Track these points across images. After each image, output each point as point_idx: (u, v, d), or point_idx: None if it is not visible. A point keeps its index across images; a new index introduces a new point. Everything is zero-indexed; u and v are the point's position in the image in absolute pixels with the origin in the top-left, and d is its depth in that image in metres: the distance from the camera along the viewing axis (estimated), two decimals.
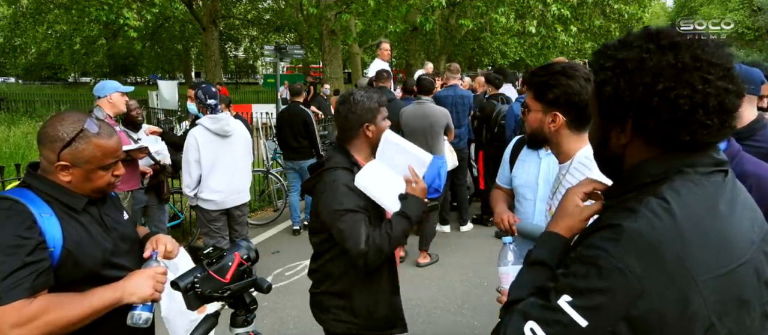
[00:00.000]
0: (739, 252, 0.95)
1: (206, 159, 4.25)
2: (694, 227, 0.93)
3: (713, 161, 1.00)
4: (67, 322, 1.50)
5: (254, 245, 1.91)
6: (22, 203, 1.53)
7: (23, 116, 15.80)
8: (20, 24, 24.70)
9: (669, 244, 0.90)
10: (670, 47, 0.96)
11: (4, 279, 1.42)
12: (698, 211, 0.95)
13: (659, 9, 41.56)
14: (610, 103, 1.02)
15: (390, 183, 2.13)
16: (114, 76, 29.16)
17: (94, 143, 1.61)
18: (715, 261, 0.92)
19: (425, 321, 4.21)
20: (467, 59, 25.07)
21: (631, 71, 0.97)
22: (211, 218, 4.39)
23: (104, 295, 1.57)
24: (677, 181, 0.97)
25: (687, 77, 0.93)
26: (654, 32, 0.99)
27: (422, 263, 5.35)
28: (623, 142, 1.04)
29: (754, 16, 31.93)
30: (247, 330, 1.89)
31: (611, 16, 15.82)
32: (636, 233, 0.92)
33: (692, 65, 0.94)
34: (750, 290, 0.95)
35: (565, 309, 0.94)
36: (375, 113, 2.20)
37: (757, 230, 1.01)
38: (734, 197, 1.01)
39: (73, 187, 1.63)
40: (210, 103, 4.29)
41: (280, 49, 10.72)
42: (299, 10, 23.85)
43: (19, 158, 7.21)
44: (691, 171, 0.98)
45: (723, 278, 0.92)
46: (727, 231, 0.95)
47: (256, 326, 1.94)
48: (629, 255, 0.91)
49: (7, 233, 1.46)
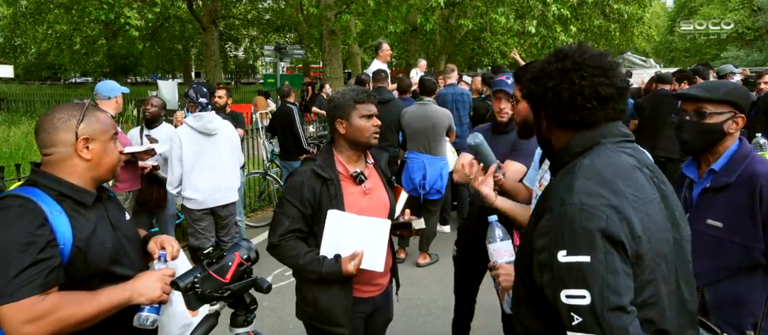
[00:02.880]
0: (649, 192, 1.28)
1: (188, 157, 4.26)
2: (615, 172, 1.26)
3: (621, 134, 1.35)
4: (77, 320, 1.51)
5: (254, 246, 1.91)
6: (33, 201, 1.53)
7: (23, 116, 15.78)
8: (20, 24, 24.68)
9: (604, 186, 1.21)
10: (561, 58, 1.34)
11: (16, 276, 1.44)
12: (615, 163, 1.28)
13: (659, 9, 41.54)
14: (529, 99, 1.45)
15: (344, 237, 2.20)
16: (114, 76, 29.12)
17: (100, 116, 1.69)
18: (636, 194, 1.23)
19: (425, 321, 4.21)
20: (467, 59, 25.04)
21: (536, 77, 1.39)
22: (195, 218, 4.39)
23: (114, 294, 1.59)
24: (597, 149, 1.31)
25: (568, 76, 1.31)
26: (557, 50, 1.39)
27: (422, 263, 5.35)
28: (545, 127, 1.43)
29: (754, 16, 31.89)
30: (247, 330, 1.89)
31: (611, 16, 15.81)
32: (580, 184, 1.23)
33: (572, 68, 1.31)
34: (662, 222, 1.28)
35: (567, 261, 1.16)
36: (348, 109, 2.25)
37: (661, 186, 1.35)
38: (639, 161, 1.34)
39: (89, 170, 1.66)
40: (201, 101, 4.33)
41: (280, 49, 10.74)
42: (299, 10, 23.83)
43: (19, 158, 7.20)
44: (605, 142, 1.32)
45: (642, 209, 1.22)
46: (639, 179, 1.28)
47: (256, 326, 1.94)
48: (582, 196, 1.20)
49: (20, 230, 1.47)
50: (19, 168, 4.57)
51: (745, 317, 1.87)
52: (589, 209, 1.16)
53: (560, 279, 1.16)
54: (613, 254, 1.13)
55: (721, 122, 1.94)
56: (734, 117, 1.94)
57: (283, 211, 2.25)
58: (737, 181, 1.89)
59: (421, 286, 4.81)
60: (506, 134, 3.04)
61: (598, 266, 1.12)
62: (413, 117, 5.30)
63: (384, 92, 5.95)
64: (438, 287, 4.79)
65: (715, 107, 1.95)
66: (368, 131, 2.26)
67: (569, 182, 1.25)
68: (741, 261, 1.87)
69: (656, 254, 1.22)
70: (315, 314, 2.30)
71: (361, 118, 2.25)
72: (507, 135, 3.03)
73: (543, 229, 1.24)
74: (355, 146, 2.29)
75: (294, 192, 2.23)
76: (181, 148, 4.25)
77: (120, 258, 1.70)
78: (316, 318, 2.31)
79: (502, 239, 2.03)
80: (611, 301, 1.11)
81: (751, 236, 1.83)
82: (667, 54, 38.50)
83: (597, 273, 1.12)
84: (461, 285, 3.38)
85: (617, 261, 1.13)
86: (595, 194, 1.19)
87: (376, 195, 2.36)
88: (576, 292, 1.13)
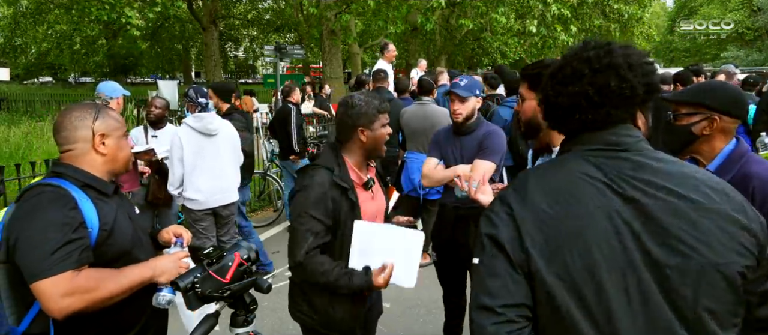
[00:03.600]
0: (585, 207, 1.14)
1: (188, 157, 4.26)
2: (544, 182, 1.20)
3: (603, 142, 1.21)
4: (107, 295, 1.62)
5: (254, 246, 1.91)
6: (64, 187, 1.67)
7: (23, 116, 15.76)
8: (20, 24, 24.67)
9: (517, 194, 1.21)
10: (569, 59, 1.25)
11: (54, 252, 1.55)
12: (556, 173, 1.22)
13: (659, 9, 41.54)
14: (544, 108, 1.34)
15: (373, 248, 2.12)
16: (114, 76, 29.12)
17: (111, 113, 1.84)
18: (549, 209, 1.15)
19: (425, 321, 4.21)
20: (467, 59, 25.05)
21: (543, 82, 1.31)
22: (196, 218, 4.39)
23: (138, 272, 1.71)
24: (562, 157, 1.26)
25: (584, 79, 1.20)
26: (566, 55, 1.28)
27: (422, 263, 5.35)
28: (545, 130, 1.44)
29: (754, 16, 31.89)
30: (247, 330, 1.89)
31: (611, 16, 15.82)
32: (501, 193, 1.25)
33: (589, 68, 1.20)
34: (591, 241, 1.12)
35: (474, 262, 1.21)
36: (372, 118, 2.19)
37: (620, 198, 1.15)
38: (613, 171, 1.17)
39: (105, 164, 1.79)
40: (201, 102, 4.34)
41: (280, 49, 10.71)
42: (299, 10, 23.83)
43: (19, 158, 7.20)
44: (576, 150, 1.24)
45: (553, 222, 1.14)
46: (576, 192, 1.16)
47: (256, 326, 1.94)
48: (495, 204, 1.23)
49: (55, 211, 1.60)
50: (19, 168, 4.57)
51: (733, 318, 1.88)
52: (490, 215, 1.22)
53: None
54: (498, 258, 1.17)
55: (689, 123, 1.96)
56: (709, 118, 1.94)
57: (307, 227, 2.08)
58: (731, 181, 1.89)
59: (421, 286, 4.78)
60: (469, 135, 3.08)
61: (481, 267, 1.19)
62: (412, 117, 5.30)
63: (384, 92, 5.95)
64: (438, 287, 4.79)
65: (685, 108, 1.97)
66: (384, 139, 2.24)
67: (504, 190, 1.29)
68: None
69: (565, 271, 1.12)
70: (326, 322, 2.24)
71: (383, 127, 2.23)
72: (470, 135, 3.07)
73: None
74: (370, 154, 2.26)
75: (317, 206, 2.09)
76: (182, 149, 4.26)
77: (138, 244, 1.83)
78: (326, 326, 2.25)
79: None
80: (481, 300, 1.17)
81: None
82: (667, 54, 38.52)
83: (479, 274, 1.19)
84: (446, 286, 3.41)
85: (501, 264, 1.16)
86: (505, 202, 1.22)
87: (378, 197, 2.38)
88: (471, 290, 1.22)
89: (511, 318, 1.14)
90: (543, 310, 1.15)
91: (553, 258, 1.13)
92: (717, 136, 1.98)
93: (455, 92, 3.06)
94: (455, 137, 3.13)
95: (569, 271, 1.12)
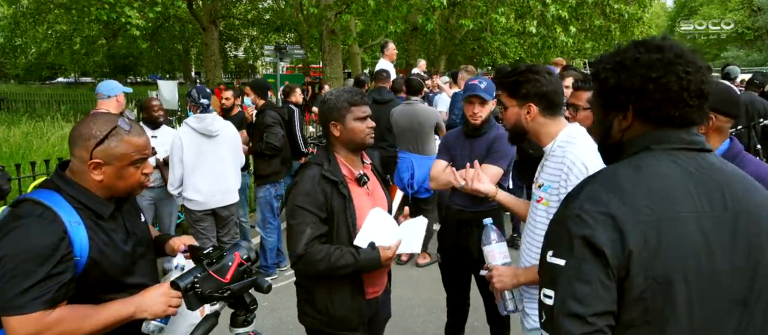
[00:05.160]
0: (676, 207, 1.14)
1: (189, 158, 4.26)
2: (637, 181, 1.17)
3: (683, 141, 1.22)
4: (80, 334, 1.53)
5: (254, 246, 1.91)
6: (54, 212, 1.55)
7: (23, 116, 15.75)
8: (20, 24, 24.64)
9: (614, 193, 1.15)
10: (657, 49, 1.21)
11: (29, 288, 1.46)
12: (646, 171, 1.18)
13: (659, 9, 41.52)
14: (613, 93, 1.25)
15: (382, 234, 2.18)
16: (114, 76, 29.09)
17: (126, 141, 1.65)
18: (645, 210, 1.12)
19: (425, 320, 4.21)
20: (467, 59, 24.98)
21: (629, 67, 1.22)
22: (196, 219, 4.39)
23: (116, 310, 1.61)
24: (640, 155, 1.22)
25: (672, 68, 1.19)
26: (641, 41, 1.25)
27: (422, 263, 5.35)
28: (625, 126, 1.27)
29: (754, 16, 31.88)
30: (247, 330, 1.89)
31: (611, 16, 15.77)
32: (590, 189, 1.19)
33: (675, 61, 1.19)
34: (688, 242, 1.13)
35: (550, 261, 1.17)
36: (342, 111, 2.21)
37: (728, 203, 1.18)
38: (698, 171, 1.20)
39: (103, 188, 1.67)
40: (202, 102, 4.35)
41: (280, 49, 10.72)
42: (299, 10, 23.80)
43: (19, 158, 7.19)
44: (656, 148, 1.21)
45: (653, 224, 1.12)
46: (672, 193, 1.15)
47: (256, 326, 1.94)
48: (584, 202, 1.16)
49: (38, 242, 1.49)
50: (19, 168, 4.57)
51: None
52: (583, 215, 1.14)
53: (543, 276, 1.20)
54: (590, 262, 1.11)
55: None
56: None
57: (300, 220, 2.12)
58: None
59: (421, 286, 4.81)
60: (480, 138, 3.06)
61: (570, 271, 1.13)
62: (400, 116, 5.31)
63: (384, 92, 5.95)
64: (438, 287, 4.77)
65: None
66: (362, 132, 2.24)
67: (582, 187, 1.23)
68: None
69: (662, 274, 1.11)
70: (328, 321, 2.25)
71: (356, 120, 2.22)
72: (481, 138, 3.06)
73: (549, 227, 1.26)
74: (351, 147, 2.28)
75: (308, 199, 2.13)
76: (182, 149, 4.26)
77: (132, 267, 1.73)
78: (328, 325, 2.26)
79: (497, 241, 2.09)
80: (571, 307, 1.11)
81: None
82: None
83: (566, 278, 1.13)
84: (451, 289, 3.40)
85: (593, 269, 1.11)
86: (598, 201, 1.15)
87: (377, 195, 2.38)
88: (548, 292, 1.16)
89: (601, 328, 1.11)
90: (630, 314, 1.12)
91: (651, 261, 1.11)
92: (712, 135, 1.99)
93: (479, 94, 3.00)
94: (466, 139, 3.11)
95: (667, 276, 1.11)
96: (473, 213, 3.03)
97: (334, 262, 2.10)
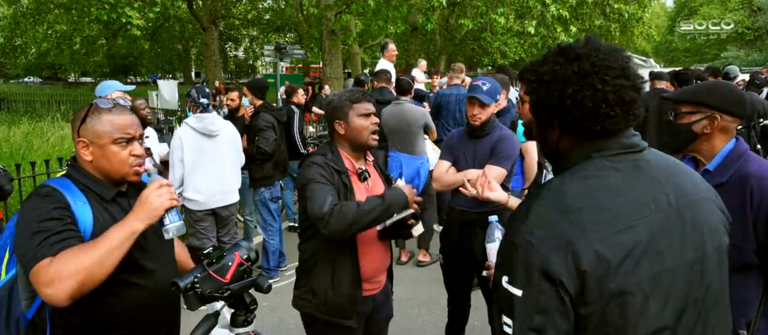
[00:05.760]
0: (624, 218, 1.13)
1: (189, 158, 4.26)
2: (583, 195, 1.14)
3: (620, 146, 1.20)
4: (89, 265, 1.52)
5: (254, 245, 1.91)
6: (60, 192, 1.66)
7: (23, 116, 15.75)
8: (20, 24, 24.64)
9: (562, 215, 1.12)
10: (575, 59, 1.18)
11: (39, 244, 1.55)
12: (591, 184, 1.16)
13: (659, 9, 41.54)
14: (538, 108, 1.26)
15: None
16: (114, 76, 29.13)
17: (105, 119, 1.70)
18: (595, 228, 1.10)
19: (425, 320, 4.22)
20: (467, 59, 25.01)
21: (548, 82, 1.21)
22: (196, 219, 4.39)
23: (119, 229, 1.59)
24: (581, 166, 1.20)
25: (589, 80, 1.16)
26: (564, 47, 1.23)
27: (423, 260, 5.36)
28: (555, 137, 1.27)
29: (754, 16, 31.88)
30: (247, 330, 1.89)
31: (611, 16, 15.79)
32: (538, 210, 1.15)
33: (591, 71, 1.16)
34: (638, 249, 1.12)
35: (507, 288, 1.12)
36: (345, 109, 2.29)
37: (672, 198, 1.19)
38: (642, 174, 1.20)
39: (97, 171, 1.74)
40: (202, 102, 4.35)
41: (280, 49, 10.73)
42: (299, 10, 23.83)
43: (19, 158, 7.18)
44: (596, 156, 1.19)
45: (601, 240, 1.09)
46: (611, 202, 1.14)
47: (256, 326, 1.94)
48: (534, 227, 1.12)
49: (44, 209, 1.61)
50: (19, 168, 4.57)
51: (738, 317, 1.88)
52: (535, 244, 1.10)
53: (501, 301, 1.16)
54: (547, 293, 1.09)
55: (690, 122, 1.98)
56: (710, 117, 1.95)
57: (318, 187, 2.13)
58: (729, 181, 1.90)
59: (421, 285, 4.81)
60: (483, 138, 3.04)
61: (528, 302, 1.10)
62: (389, 116, 5.32)
63: (386, 92, 5.95)
64: (438, 286, 4.77)
65: (686, 107, 2.00)
66: (367, 129, 2.30)
67: (529, 207, 1.18)
68: (733, 261, 1.87)
69: (618, 288, 1.10)
70: (324, 307, 2.28)
71: (359, 117, 2.29)
72: (484, 139, 3.04)
73: (501, 248, 1.21)
74: (355, 146, 2.33)
75: (319, 175, 2.19)
76: (182, 149, 4.26)
77: (141, 249, 1.73)
78: (323, 311, 2.29)
79: (500, 239, 2.05)
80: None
81: (742, 236, 1.82)
82: (667, 54, 38.50)
83: (525, 309, 1.10)
84: (453, 290, 3.39)
85: (550, 300, 1.09)
86: (548, 226, 1.12)
87: (377, 191, 2.40)
88: (507, 320, 1.13)
89: None
90: (588, 328, 1.11)
91: (606, 277, 1.09)
92: (717, 135, 1.99)
93: (478, 97, 2.96)
94: (469, 140, 3.09)
95: (621, 288, 1.10)
96: (476, 214, 3.02)
97: (362, 207, 2.10)
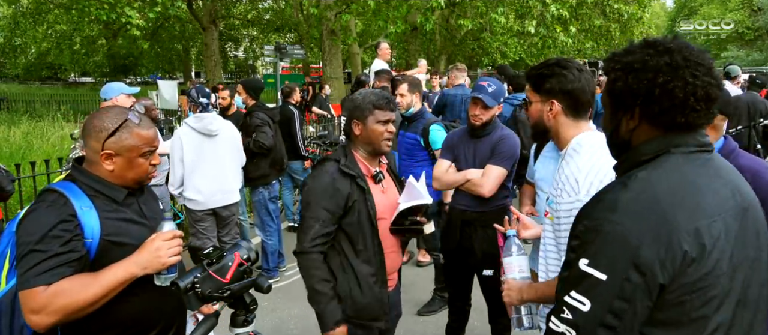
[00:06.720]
0: (710, 211, 1.17)
1: (189, 158, 4.26)
2: (670, 193, 1.17)
3: (696, 143, 1.24)
4: (80, 305, 1.57)
5: (254, 246, 1.91)
6: (66, 197, 1.65)
7: (23, 116, 15.76)
8: (20, 24, 24.66)
9: (653, 207, 1.15)
10: (665, 51, 1.21)
11: (35, 265, 1.54)
12: (676, 178, 1.19)
13: (659, 9, 41.52)
14: (621, 95, 1.26)
15: (418, 188, 2.31)
16: (114, 76, 29.12)
17: (135, 133, 1.73)
18: (688, 218, 1.14)
19: (426, 321, 4.22)
20: (467, 59, 24.99)
21: (637, 70, 1.22)
22: (197, 218, 4.39)
23: (117, 272, 1.63)
24: (662, 159, 1.22)
25: (680, 73, 1.18)
26: (652, 41, 1.25)
27: (422, 260, 5.36)
28: (632, 127, 1.28)
29: (754, 16, 31.90)
30: (247, 330, 1.89)
31: (611, 16, 15.79)
32: (627, 200, 1.17)
33: (684, 64, 1.18)
34: (721, 242, 1.17)
35: (586, 270, 1.15)
36: (364, 112, 2.26)
37: (738, 198, 1.24)
38: (715, 172, 1.25)
39: (114, 177, 1.75)
40: (201, 101, 4.35)
41: (280, 49, 10.73)
42: (299, 10, 23.82)
43: (19, 158, 7.18)
44: (676, 151, 1.22)
45: (694, 230, 1.13)
46: (698, 196, 1.18)
47: (256, 326, 1.94)
48: (624, 217, 1.14)
49: (46, 224, 1.58)
50: (19, 168, 4.57)
51: None
52: (625, 234, 1.13)
53: (575, 281, 1.19)
54: (633, 282, 1.12)
55: None
56: None
57: (312, 214, 2.17)
58: None
59: (421, 285, 4.81)
60: (484, 138, 3.05)
61: (612, 289, 1.13)
62: None
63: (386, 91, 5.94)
64: None
65: None
66: (382, 136, 2.26)
67: (616, 197, 1.19)
68: None
69: (701, 279, 1.15)
70: (352, 312, 2.24)
71: (377, 123, 2.26)
72: (485, 139, 3.04)
73: (578, 231, 1.22)
74: (368, 149, 2.32)
75: (324, 194, 2.17)
76: (182, 149, 4.26)
77: None
78: (352, 316, 2.24)
79: (517, 254, 2.00)
80: (607, 320, 1.14)
81: None
82: None
83: (607, 293, 1.14)
84: (453, 290, 3.38)
85: (635, 290, 1.12)
86: (639, 217, 1.14)
87: (390, 192, 2.41)
88: (581, 298, 1.16)
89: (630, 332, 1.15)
90: (667, 314, 1.15)
91: (690, 269, 1.13)
92: (709, 132, 2.00)
93: (482, 98, 2.94)
94: (470, 140, 3.09)
95: (705, 279, 1.15)
96: (477, 213, 3.02)
97: (313, 286, 2.17)
